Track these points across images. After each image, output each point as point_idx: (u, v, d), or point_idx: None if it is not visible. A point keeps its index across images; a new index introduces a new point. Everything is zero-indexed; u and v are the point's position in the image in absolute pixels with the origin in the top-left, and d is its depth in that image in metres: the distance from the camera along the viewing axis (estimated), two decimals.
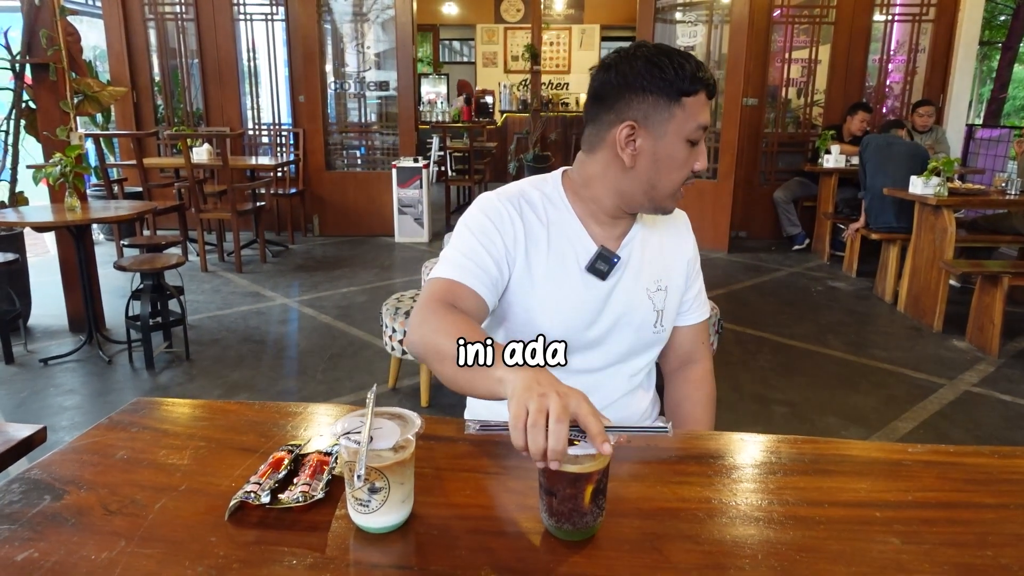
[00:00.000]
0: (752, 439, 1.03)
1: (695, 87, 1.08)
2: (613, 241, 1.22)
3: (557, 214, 1.21)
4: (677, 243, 1.31)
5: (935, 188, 4.05)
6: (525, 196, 1.21)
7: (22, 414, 2.92)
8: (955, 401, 3.15)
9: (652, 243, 1.26)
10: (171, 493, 0.85)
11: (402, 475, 0.78)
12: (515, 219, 1.18)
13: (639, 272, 1.23)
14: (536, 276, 1.18)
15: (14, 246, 3.95)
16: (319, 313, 4.31)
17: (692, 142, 1.12)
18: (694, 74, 1.08)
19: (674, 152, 1.12)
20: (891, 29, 6.43)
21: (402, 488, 0.79)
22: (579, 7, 11.65)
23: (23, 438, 1.44)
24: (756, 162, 6.64)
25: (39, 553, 0.74)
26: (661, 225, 1.29)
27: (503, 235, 1.16)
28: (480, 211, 1.19)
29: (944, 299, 4.07)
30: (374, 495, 0.77)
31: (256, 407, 1.11)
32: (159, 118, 6.67)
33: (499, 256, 1.16)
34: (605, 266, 1.19)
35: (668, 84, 1.08)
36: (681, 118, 1.10)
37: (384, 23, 6.63)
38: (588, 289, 1.20)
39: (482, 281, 1.13)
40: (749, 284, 5.11)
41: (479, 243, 1.15)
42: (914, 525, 0.81)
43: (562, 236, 1.20)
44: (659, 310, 1.25)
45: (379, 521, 0.78)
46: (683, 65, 1.08)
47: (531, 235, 1.18)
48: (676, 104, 1.09)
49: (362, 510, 0.78)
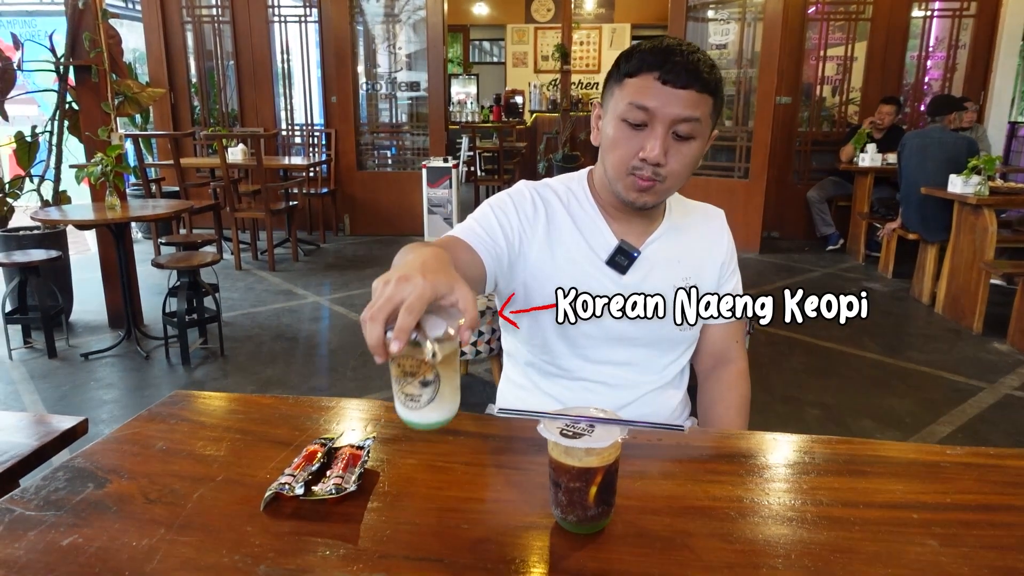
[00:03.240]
0: (785, 439, 1.02)
1: (639, 68, 1.07)
2: (636, 237, 1.22)
3: (580, 209, 1.23)
4: (710, 243, 1.29)
5: (975, 187, 3.95)
6: (552, 187, 1.26)
7: (64, 406, 3.00)
8: (995, 405, 3.07)
9: (682, 241, 1.26)
10: (208, 483, 0.87)
11: (452, 366, 0.76)
12: (537, 203, 1.21)
13: (665, 269, 1.23)
14: (559, 258, 1.20)
15: (57, 244, 4.06)
16: (349, 311, 4.36)
17: (630, 123, 1.09)
18: (644, 57, 1.07)
19: (610, 131, 1.12)
20: (930, 25, 6.29)
21: (452, 380, 0.77)
22: (610, 6, 11.59)
23: (65, 429, 1.48)
24: (789, 161, 6.55)
25: (83, 539, 0.76)
26: (694, 224, 1.29)
27: (520, 214, 1.20)
28: (505, 193, 1.24)
29: (984, 300, 3.96)
30: (425, 388, 0.75)
31: (290, 401, 1.12)
32: (195, 119, 6.81)
33: (509, 229, 1.18)
34: (625, 260, 1.20)
35: (618, 66, 1.12)
36: (618, 96, 1.10)
37: (415, 24, 6.68)
38: (610, 282, 1.21)
39: (484, 243, 1.15)
40: (781, 285, 5.04)
41: (493, 214, 1.19)
42: (953, 527, 0.79)
43: (585, 229, 1.22)
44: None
45: (430, 416, 0.77)
46: (641, 49, 1.08)
47: (553, 220, 1.21)
48: (618, 85, 1.11)
49: (413, 405, 0.76)
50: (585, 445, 0.75)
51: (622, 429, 0.78)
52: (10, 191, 4.25)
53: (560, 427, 0.78)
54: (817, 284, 5.10)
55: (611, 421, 0.79)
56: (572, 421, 0.80)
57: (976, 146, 4.42)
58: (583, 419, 0.79)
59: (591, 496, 0.76)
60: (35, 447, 1.40)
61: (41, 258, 3.58)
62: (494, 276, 1.17)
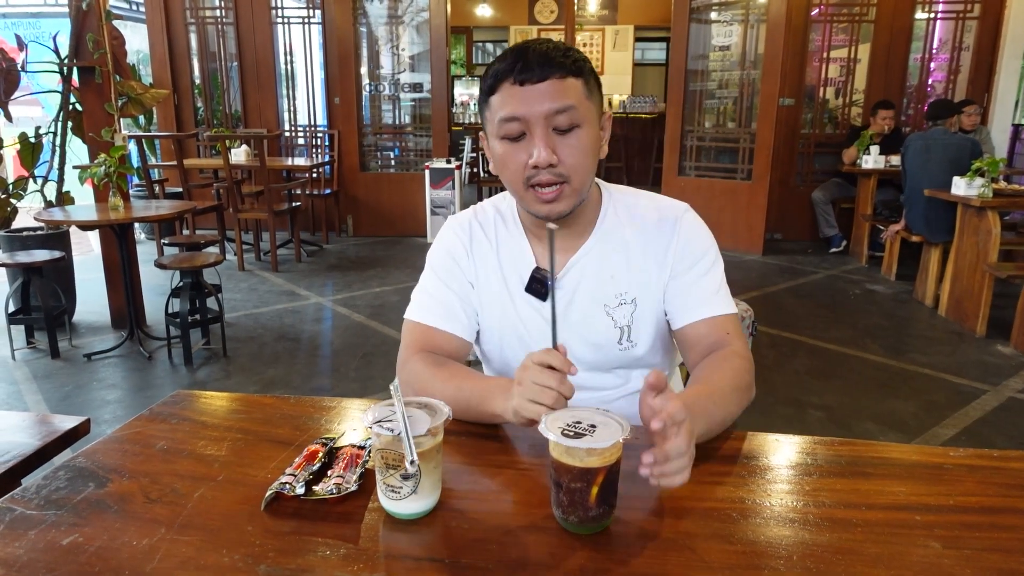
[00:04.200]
0: (787, 440, 1.02)
1: (497, 80, 1.03)
2: (562, 255, 1.16)
3: (506, 232, 1.20)
4: (656, 249, 1.16)
5: (979, 189, 3.94)
6: (479, 217, 1.23)
7: (67, 407, 3.00)
8: (999, 407, 3.06)
9: (618, 253, 1.16)
10: (209, 483, 0.87)
11: (433, 461, 0.80)
12: (466, 244, 1.20)
13: (594, 289, 1.16)
14: (487, 292, 1.19)
15: (61, 244, 4.07)
16: (352, 312, 4.36)
17: (508, 138, 1.04)
18: (497, 68, 1.02)
19: (495, 152, 1.08)
20: (934, 27, 6.27)
21: (433, 475, 0.80)
22: (613, 8, 11.59)
23: (68, 429, 1.47)
24: (792, 163, 6.53)
25: (83, 538, 0.76)
26: (641, 229, 1.17)
27: (462, 268, 1.20)
28: (440, 245, 1.23)
29: (988, 303, 3.95)
30: (406, 481, 0.78)
31: (291, 401, 1.12)
32: (199, 120, 6.82)
33: (462, 291, 1.19)
34: (541, 287, 1.15)
35: (481, 89, 1.08)
36: (488, 118, 1.07)
37: (418, 26, 6.68)
38: (534, 311, 1.17)
39: (451, 319, 1.17)
40: (784, 287, 5.03)
41: (441, 280, 1.19)
42: (956, 530, 0.79)
43: (509, 256, 1.19)
44: (624, 326, 1.16)
45: (410, 507, 0.79)
46: (493, 64, 1.04)
47: (481, 265, 1.20)
48: (486, 106, 1.07)
49: (393, 496, 0.79)
50: (587, 445, 0.75)
51: (624, 429, 0.77)
52: (14, 192, 4.26)
53: (561, 427, 0.78)
54: (820, 286, 5.09)
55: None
56: (573, 420, 0.80)
57: (980, 148, 4.41)
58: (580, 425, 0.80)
59: (592, 496, 0.76)
60: (37, 447, 1.40)
61: (44, 259, 3.59)
62: (473, 334, 1.21)
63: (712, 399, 0.98)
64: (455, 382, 1.05)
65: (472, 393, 1.01)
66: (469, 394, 1.02)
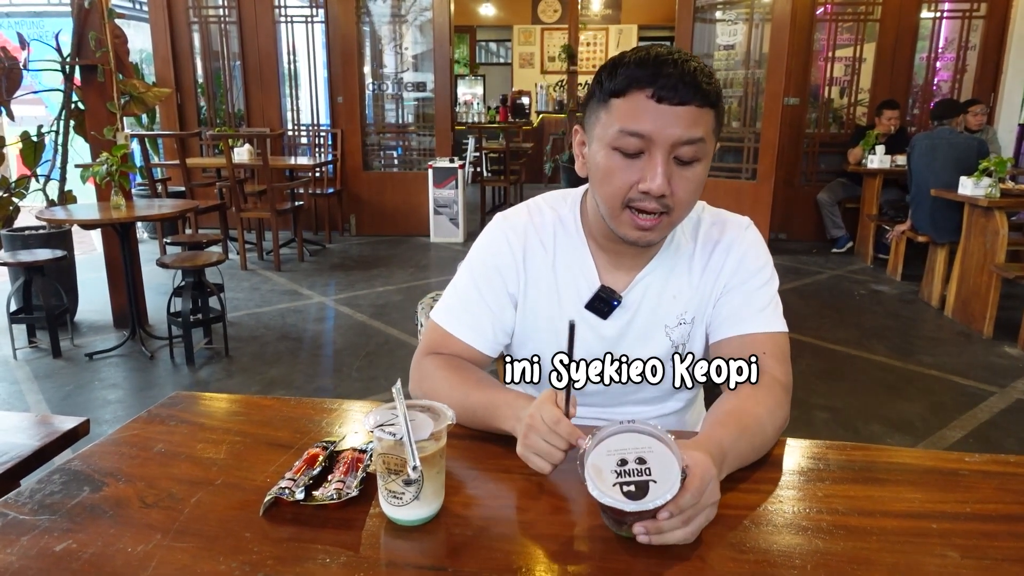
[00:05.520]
0: (798, 444, 0.99)
1: (628, 85, 0.92)
2: (625, 272, 1.10)
3: (567, 240, 1.12)
4: (715, 265, 1.11)
5: (986, 189, 3.91)
6: (535, 220, 1.13)
7: (68, 407, 2.99)
8: (1007, 409, 3.03)
9: (679, 276, 1.11)
10: (207, 487, 0.85)
11: (437, 466, 0.78)
12: (518, 259, 1.12)
13: (655, 309, 1.11)
14: (537, 306, 1.13)
15: (63, 243, 4.06)
16: (355, 312, 4.35)
17: (622, 152, 0.94)
18: (632, 72, 0.92)
19: (599, 160, 0.97)
20: (939, 26, 6.24)
21: (436, 480, 0.78)
22: (616, 7, 11.57)
23: (67, 430, 1.46)
24: (797, 162, 6.51)
25: (77, 544, 0.74)
26: (698, 250, 1.12)
27: (505, 280, 1.12)
28: (485, 247, 1.14)
29: (995, 304, 3.92)
30: (408, 487, 0.76)
31: (292, 403, 1.10)
32: (202, 119, 6.81)
33: (497, 304, 1.13)
34: (605, 307, 1.09)
35: (600, 84, 0.97)
36: (605, 121, 0.96)
37: (422, 25, 6.67)
38: (591, 329, 1.11)
39: (477, 332, 1.12)
40: (789, 287, 5.00)
41: (476, 288, 1.13)
42: (974, 539, 0.77)
43: (568, 267, 1.11)
44: (680, 343, 1.12)
45: (412, 513, 0.77)
46: (626, 63, 0.93)
47: (533, 276, 1.12)
48: (603, 106, 0.96)
49: (395, 502, 0.77)
50: (654, 503, 0.70)
51: (675, 456, 0.73)
52: (16, 190, 4.25)
53: (614, 480, 0.72)
54: (825, 286, 5.06)
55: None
56: (619, 460, 0.74)
57: (986, 148, 4.38)
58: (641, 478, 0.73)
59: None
60: (36, 448, 1.38)
61: (46, 258, 3.58)
62: (495, 350, 1.16)
63: (745, 437, 0.91)
64: (464, 389, 1.02)
65: (479, 404, 0.99)
66: (476, 404, 0.99)
